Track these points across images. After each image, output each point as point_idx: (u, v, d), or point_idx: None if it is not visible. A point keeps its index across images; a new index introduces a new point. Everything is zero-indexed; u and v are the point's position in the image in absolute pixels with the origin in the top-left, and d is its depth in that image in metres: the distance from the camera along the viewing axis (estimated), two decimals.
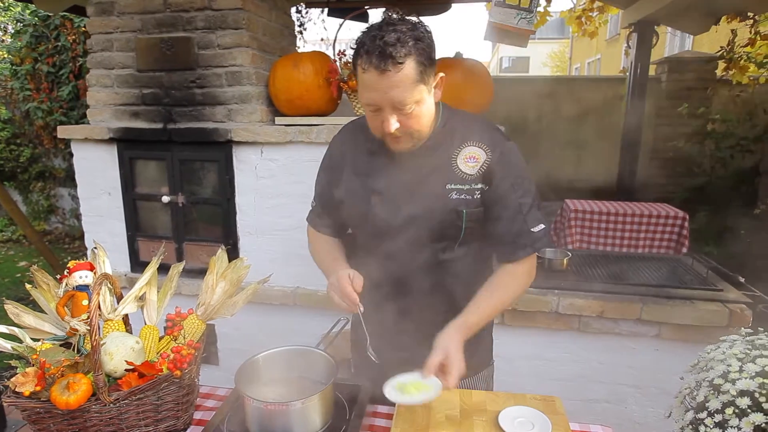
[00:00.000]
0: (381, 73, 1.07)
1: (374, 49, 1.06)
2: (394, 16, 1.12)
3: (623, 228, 3.29)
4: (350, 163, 1.34)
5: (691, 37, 8.65)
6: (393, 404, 1.27)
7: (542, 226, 1.27)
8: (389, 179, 1.27)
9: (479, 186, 1.23)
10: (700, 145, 4.98)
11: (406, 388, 1.15)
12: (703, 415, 0.96)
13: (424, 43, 1.10)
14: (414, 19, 1.13)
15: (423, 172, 1.24)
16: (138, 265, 2.65)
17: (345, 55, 2.32)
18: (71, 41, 5.54)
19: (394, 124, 1.13)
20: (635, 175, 4.24)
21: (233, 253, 2.49)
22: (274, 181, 2.40)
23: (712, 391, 0.98)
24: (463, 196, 1.23)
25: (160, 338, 1.34)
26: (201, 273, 2.49)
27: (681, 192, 4.95)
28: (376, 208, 1.27)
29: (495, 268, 1.42)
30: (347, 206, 1.34)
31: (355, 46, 1.13)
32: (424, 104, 1.15)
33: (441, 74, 1.18)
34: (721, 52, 4.37)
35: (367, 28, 1.12)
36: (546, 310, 2.20)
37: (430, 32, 1.13)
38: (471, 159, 1.23)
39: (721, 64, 4.69)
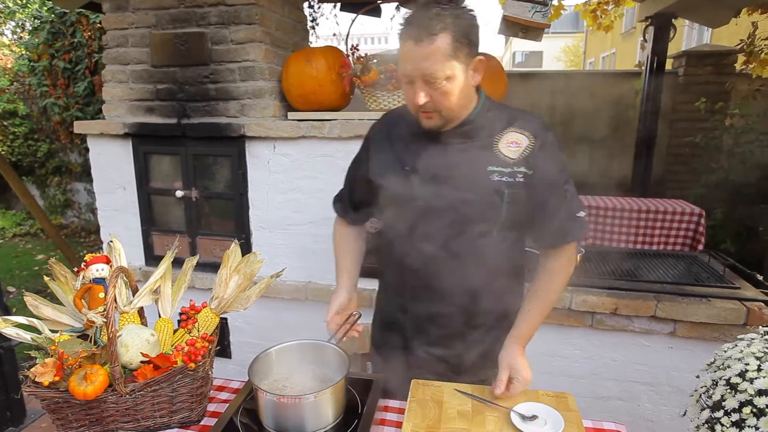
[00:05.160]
0: (415, 44, 1.11)
1: (413, 20, 1.12)
2: None
3: (637, 224, 3.23)
4: (389, 144, 1.35)
5: (710, 30, 8.47)
6: (405, 398, 1.27)
7: (583, 213, 1.30)
8: (429, 159, 1.27)
9: (522, 169, 1.23)
10: (718, 141, 4.89)
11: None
12: (720, 414, 0.95)
13: (463, 21, 1.13)
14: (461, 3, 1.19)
15: (463, 153, 1.26)
16: (152, 258, 2.69)
17: (358, 50, 2.31)
18: (87, 37, 5.60)
19: (422, 97, 1.16)
20: (650, 171, 4.17)
21: (246, 248, 2.51)
22: (287, 176, 2.41)
23: (729, 390, 0.96)
24: (504, 179, 1.23)
25: (175, 331, 1.35)
26: (213, 267, 2.52)
27: (697, 188, 4.86)
28: (414, 186, 1.27)
29: (531, 256, 1.42)
30: (385, 187, 1.33)
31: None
32: (455, 81, 1.15)
33: (480, 57, 1.19)
34: (740, 45, 4.27)
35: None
36: (558, 306, 2.18)
37: (474, 16, 1.16)
38: (513, 144, 1.24)
39: (741, 58, 4.59)
